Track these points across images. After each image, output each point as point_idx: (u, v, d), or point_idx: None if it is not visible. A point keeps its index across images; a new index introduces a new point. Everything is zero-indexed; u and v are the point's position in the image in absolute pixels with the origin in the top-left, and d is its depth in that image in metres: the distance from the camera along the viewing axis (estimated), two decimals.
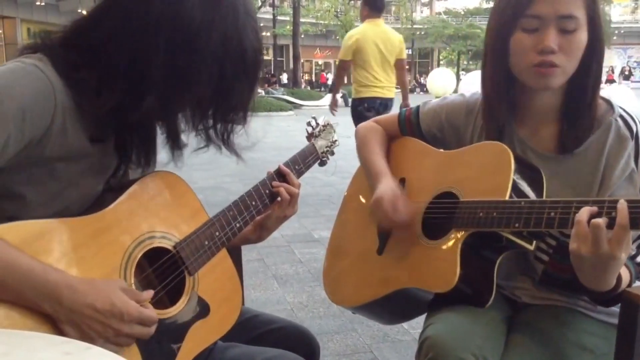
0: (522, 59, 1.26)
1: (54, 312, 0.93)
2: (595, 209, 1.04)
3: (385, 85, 5.30)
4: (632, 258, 1.21)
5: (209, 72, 1.04)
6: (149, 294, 1.05)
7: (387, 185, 1.44)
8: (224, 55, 1.05)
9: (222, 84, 1.07)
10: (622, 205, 1.00)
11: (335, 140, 1.60)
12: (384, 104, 5.33)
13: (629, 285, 1.17)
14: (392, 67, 5.31)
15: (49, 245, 0.97)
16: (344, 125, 1.75)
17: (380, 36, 5.20)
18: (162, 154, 1.15)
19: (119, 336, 0.98)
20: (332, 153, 1.59)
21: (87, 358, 0.68)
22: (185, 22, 1.01)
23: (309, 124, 1.57)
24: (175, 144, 1.12)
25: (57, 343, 0.73)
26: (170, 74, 1.02)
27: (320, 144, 1.53)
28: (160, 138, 1.15)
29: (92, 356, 0.69)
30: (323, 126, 1.57)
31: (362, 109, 5.27)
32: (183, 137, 1.13)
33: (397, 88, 5.43)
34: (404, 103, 5.32)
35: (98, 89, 1.02)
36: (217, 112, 1.12)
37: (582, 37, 1.23)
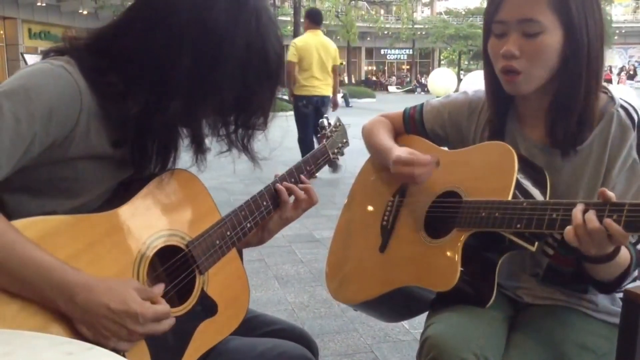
0: (495, 64, 1.30)
1: (67, 311, 0.94)
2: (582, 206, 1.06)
3: (322, 85, 6.43)
4: (634, 245, 1.21)
5: (233, 76, 1.06)
6: (160, 288, 1.06)
7: (401, 148, 1.45)
8: (248, 60, 1.06)
9: (245, 88, 1.08)
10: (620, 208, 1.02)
11: (346, 141, 1.58)
12: (321, 100, 6.45)
13: (628, 268, 1.17)
14: (328, 70, 6.46)
15: (65, 242, 0.98)
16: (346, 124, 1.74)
17: (320, 44, 6.38)
18: (185, 157, 1.16)
19: (133, 335, 0.99)
20: (342, 153, 1.57)
21: (89, 358, 0.68)
22: (211, 27, 1.03)
23: (321, 124, 1.55)
24: (200, 148, 1.13)
25: (60, 343, 0.73)
26: (195, 78, 1.04)
27: (331, 144, 1.51)
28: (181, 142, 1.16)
29: (94, 356, 0.69)
30: (335, 127, 1.55)
31: (301, 105, 6.42)
32: (206, 140, 1.15)
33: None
34: (333, 99, 6.66)
35: (123, 94, 1.04)
36: (239, 117, 1.14)
37: (548, 40, 1.22)
